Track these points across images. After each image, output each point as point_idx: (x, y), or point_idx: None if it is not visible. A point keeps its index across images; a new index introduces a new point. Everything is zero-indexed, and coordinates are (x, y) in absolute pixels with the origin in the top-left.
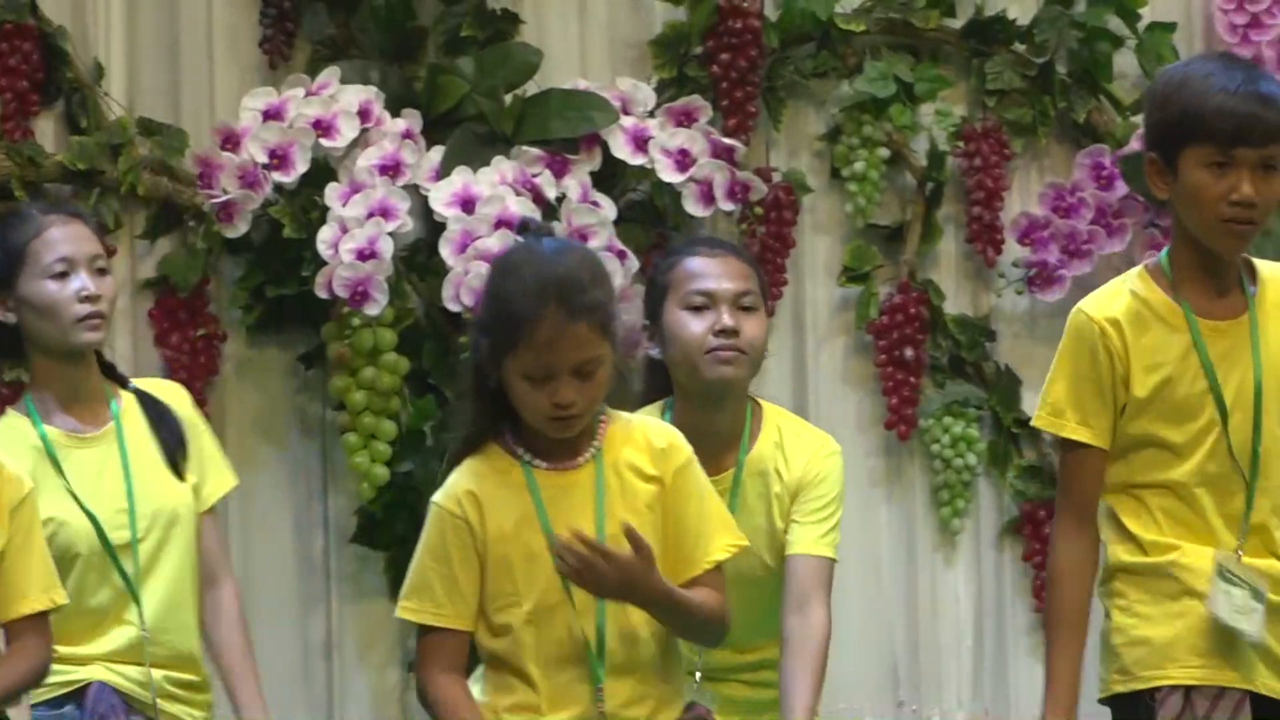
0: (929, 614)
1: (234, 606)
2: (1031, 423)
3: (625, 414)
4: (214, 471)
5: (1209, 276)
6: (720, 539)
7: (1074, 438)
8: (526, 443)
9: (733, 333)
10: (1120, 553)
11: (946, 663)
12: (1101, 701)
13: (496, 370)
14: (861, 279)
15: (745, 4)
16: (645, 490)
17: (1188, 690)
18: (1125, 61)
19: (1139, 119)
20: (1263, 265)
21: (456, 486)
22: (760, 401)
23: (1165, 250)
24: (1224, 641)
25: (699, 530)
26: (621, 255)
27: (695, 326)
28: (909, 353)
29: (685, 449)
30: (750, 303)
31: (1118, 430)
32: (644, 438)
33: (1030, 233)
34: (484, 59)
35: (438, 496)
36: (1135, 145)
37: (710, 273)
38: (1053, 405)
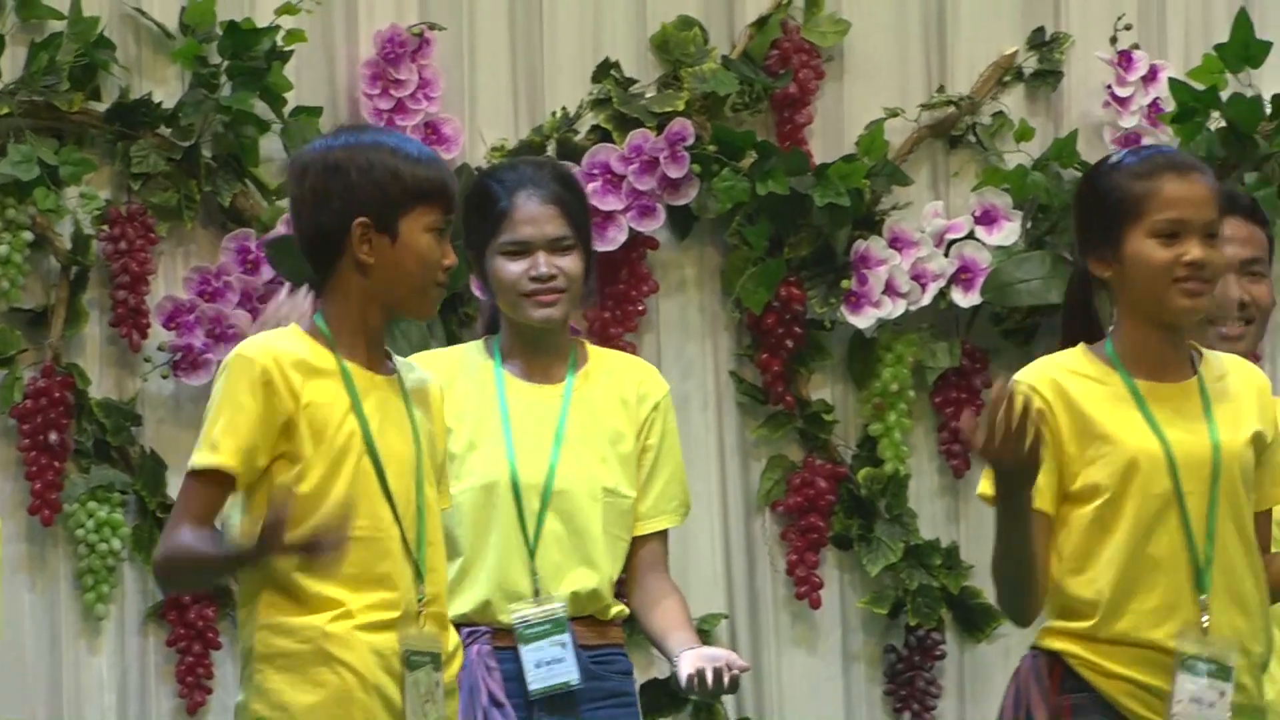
0: (73, 701)
1: None
2: None
3: None
4: None
5: (368, 345)
6: None
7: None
8: None
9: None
10: (271, 612)
11: None
12: None
13: None
14: (6, 363)
15: None
16: None
17: None
18: (271, 145)
19: (285, 203)
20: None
21: None
22: None
23: (318, 317)
24: (366, 711)
25: None
26: None
27: None
28: (53, 437)
29: None
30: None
31: None
32: None
33: (176, 316)
34: None
35: None
36: (282, 229)
37: None
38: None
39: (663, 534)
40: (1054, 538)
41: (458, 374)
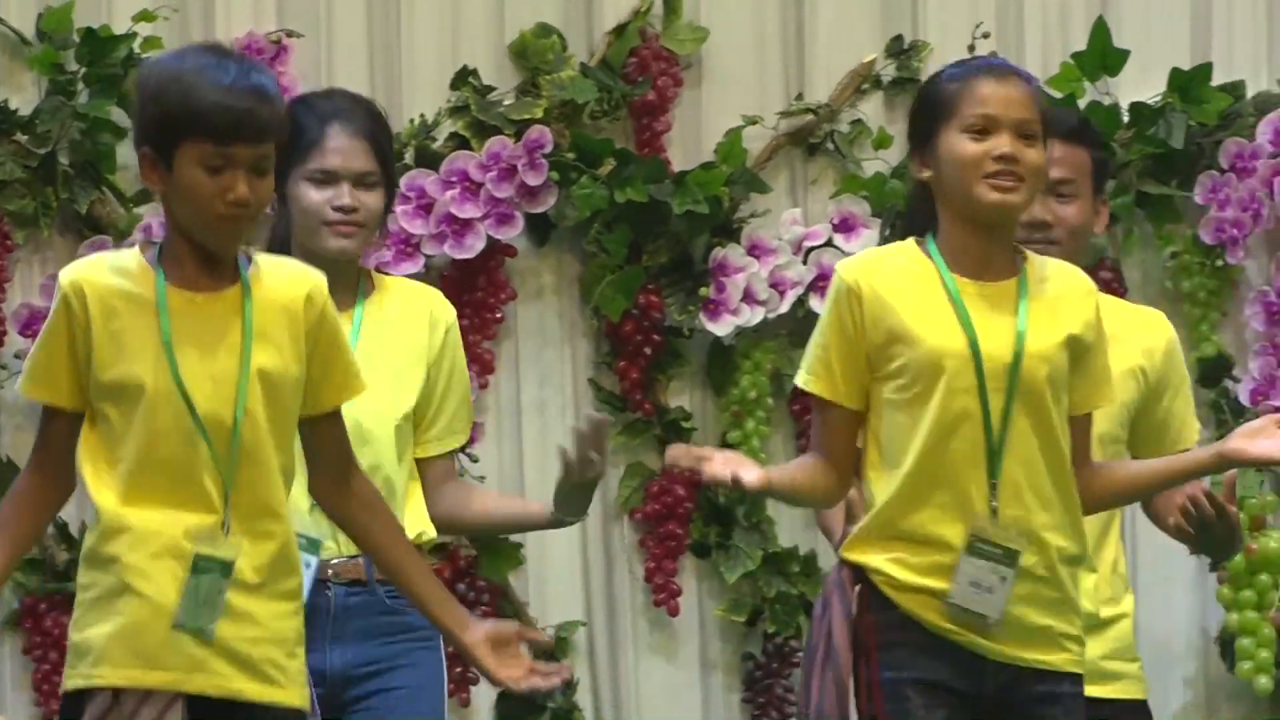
0: None
1: None
2: None
3: None
4: None
5: (200, 264)
6: None
7: None
8: None
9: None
10: (90, 539)
11: None
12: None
13: None
14: None
15: None
16: None
17: (116, 691)
18: (129, 153)
19: (142, 210)
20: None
21: None
22: None
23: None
24: (160, 641)
25: None
26: None
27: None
28: None
29: None
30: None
31: None
32: None
33: (32, 324)
34: None
35: None
36: (139, 235)
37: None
38: None
39: (452, 453)
40: (869, 426)
41: None
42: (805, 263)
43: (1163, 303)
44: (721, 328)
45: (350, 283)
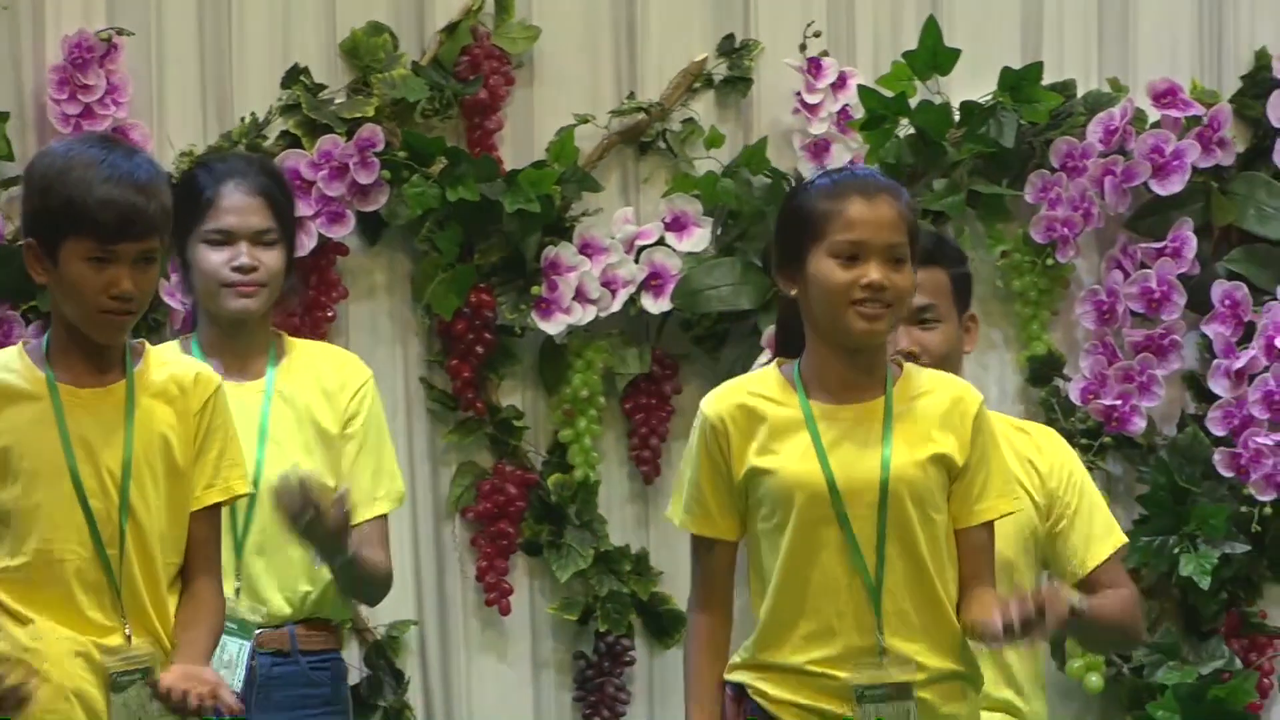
0: None
1: None
2: None
3: None
4: None
5: (87, 357)
6: None
7: None
8: None
9: None
10: None
11: None
12: None
13: None
14: None
15: None
16: None
17: None
18: None
19: None
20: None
21: None
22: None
23: (48, 334)
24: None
25: None
26: None
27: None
28: None
29: None
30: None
31: None
32: None
33: None
34: None
35: None
36: None
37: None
38: None
39: (376, 520)
40: (751, 556)
41: None
42: (637, 261)
43: (994, 301)
44: (553, 326)
45: (261, 347)
